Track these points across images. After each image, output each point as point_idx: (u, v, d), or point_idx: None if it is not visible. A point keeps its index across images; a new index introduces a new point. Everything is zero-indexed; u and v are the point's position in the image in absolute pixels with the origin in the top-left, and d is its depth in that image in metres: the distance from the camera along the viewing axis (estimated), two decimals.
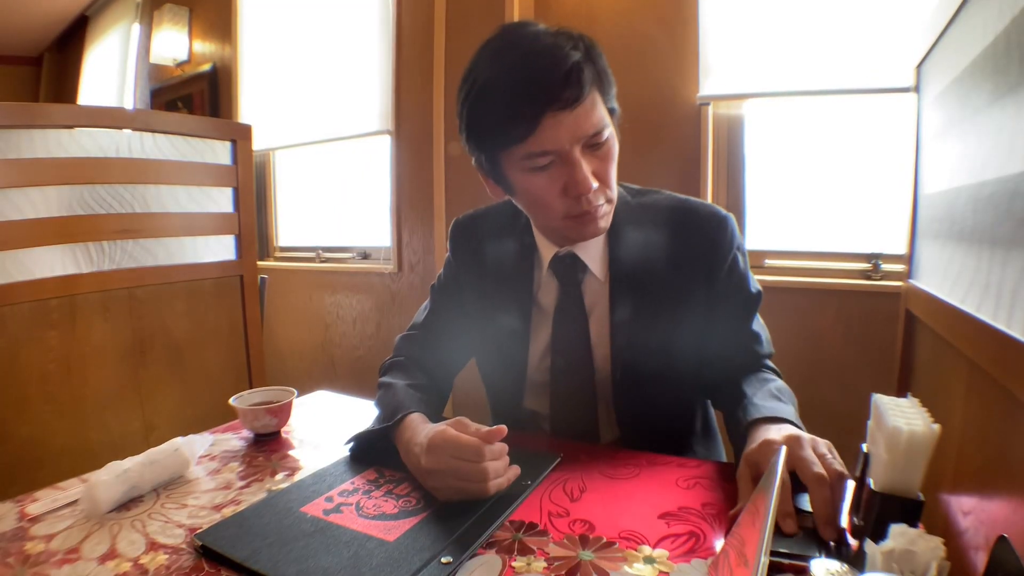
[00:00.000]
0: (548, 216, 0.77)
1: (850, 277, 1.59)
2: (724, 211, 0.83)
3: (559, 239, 0.83)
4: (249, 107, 2.81)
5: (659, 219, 0.83)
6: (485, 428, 0.64)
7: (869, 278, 1.56)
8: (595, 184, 0.71)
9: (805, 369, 1.62)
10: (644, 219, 0.83)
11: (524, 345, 0.87)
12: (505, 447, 0.65)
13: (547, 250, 0.85)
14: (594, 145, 0.71)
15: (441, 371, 0.92)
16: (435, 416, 0.75)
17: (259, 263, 1.90)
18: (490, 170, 0.77)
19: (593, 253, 0.83)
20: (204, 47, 3.04)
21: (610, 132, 0.73)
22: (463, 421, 0.66)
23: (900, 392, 0.95)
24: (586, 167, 0.70)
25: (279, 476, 0.72)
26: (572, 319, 0.84)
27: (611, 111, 0.75)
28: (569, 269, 0.83)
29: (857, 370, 1.57)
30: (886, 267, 1.55)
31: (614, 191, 0.77)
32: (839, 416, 1.57)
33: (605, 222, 0.77)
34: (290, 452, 0.80)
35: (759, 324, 0.86)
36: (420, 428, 0.69)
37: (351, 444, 0.77)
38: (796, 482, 0.55)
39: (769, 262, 1.73)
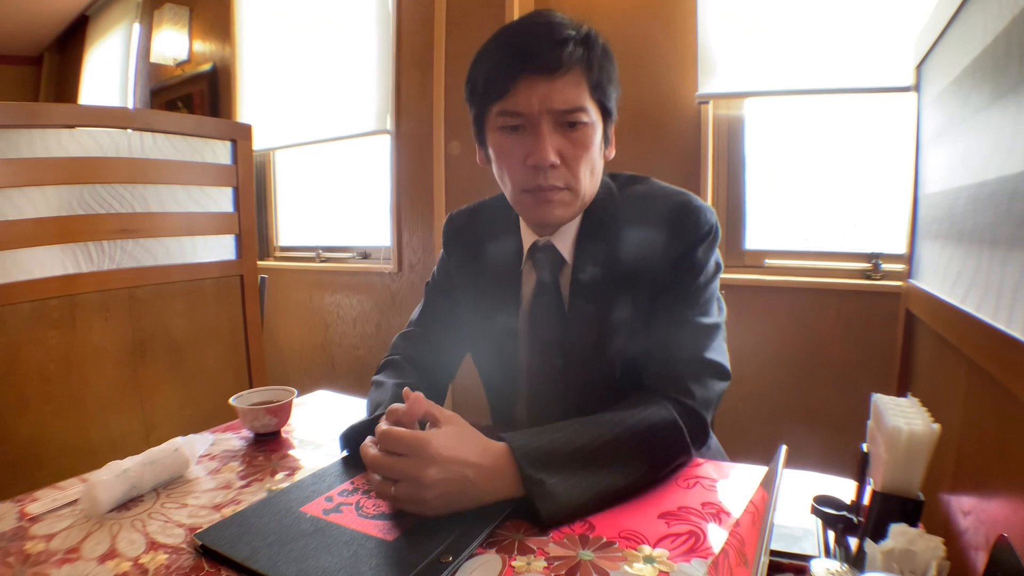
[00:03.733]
0: (511, 187, 0.77)
1: (850, 277, 1.59)
2: (701, 201, 0.79)
3: (534, 227, 0.82)
4: (249, 107, 2.81)
5: (634, 209, 0.80)
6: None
7: (869, 278, 1.56)
8: (555, 160, 0.71)
9: (805, 369, 1.62)
10: (622, 210, 0.81)
11: (514, 342, 0.85)
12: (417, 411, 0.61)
13: (528, 240, 0.83)
14: (568, 125, 0.72)
15: (437, 369, 0.91)
16: None
17: (259, 263, 1.90)
18: (477, 132, 0.80)
19: (570, 244, 0.81)
20: (204, 47, 3.04)
21: (589, 122, 0.73)
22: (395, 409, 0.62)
23: (900, 392, 0.96)
24: (550, 141, 0.71)
25: (279, 476, 0.72)
26: (547, 311, 0.81)
27: (603, 108, 0.75)
28: (545, 259, 0.81)
29: (857, 370, 1.57)
30: (886, 267, 1.55)
31: (580, 182, 0.75)
32: (839, 416, 1.58)
33: (561, 210, 0.76)
34: (290, 452, 0.80)
35: (711, 351, 0.74)
36: None
37: (345, 447, 0.76)
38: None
39: (769, 262, 1.72)
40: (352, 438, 0.74)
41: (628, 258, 0.78)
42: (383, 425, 0.61)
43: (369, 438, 0.65)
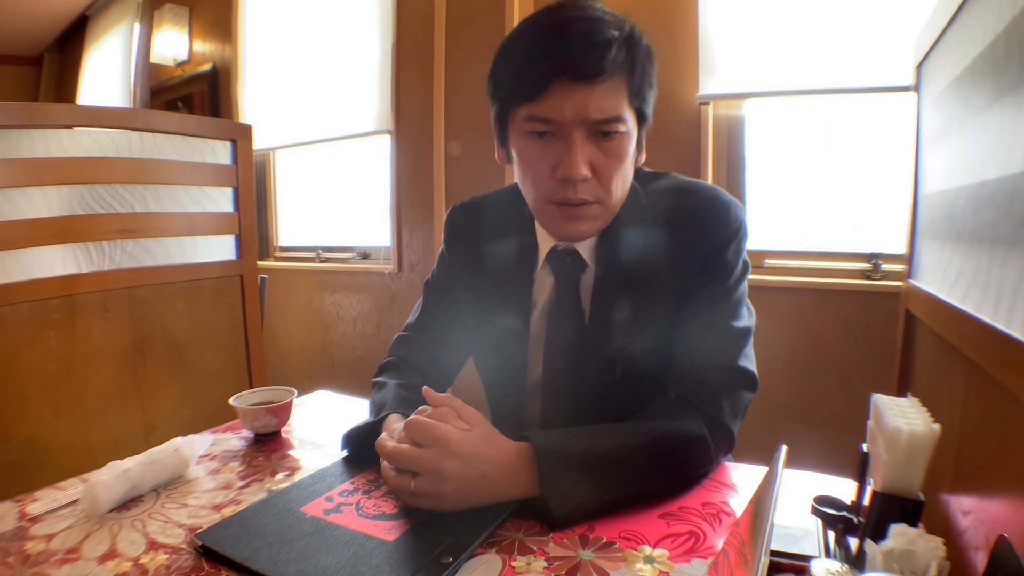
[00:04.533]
0: (534, 195, 0.73)
1: (850, 277, 1.59)
2: (730, 197, 0.75)
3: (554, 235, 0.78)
4: (249, 107, 2.81)
5: (658, 207, 0.76)
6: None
7: (869, 278, 1.56)
8: (587, 173, 0.66)
9: (805, 369, 1.62)
10: (646, 210, 0.77)
11: (523, 347, 0.82)
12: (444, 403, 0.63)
13: (546, 244, 0.80)
14: (602, 134, 0.67)
15: (437, 372, 0.88)
16: None
17: (259, 263, 1.90)
18: (499, 129, 0.75)
19: (592, 247, 0.78)
20: (204, 47, 3.04)
21: (626, 131, 0.68)
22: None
23: (900, 392, 0.95)
24: (582, 152, 0.66)
25: (279, 476, 0.72)
26: (565, 318, 0.79)
27: (640, 114, 0.71)
28: (565, 264, 0.78)
29: (857, 370, 1.57)
30: (886, 267, 1.55)
31: (611, 195, 0.70)
32: (839, 416, 1.58)
33: (590, 225, 0.71)
34: (290, 452, 0.80)
35: (743, 358, 0.73)
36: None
37: (346, 449, 0.76)
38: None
39: (769, 262, 1.73)
40: (356, 440, 0.74)
41: (654, 261, 0.74)
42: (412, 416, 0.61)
43: (385, 433, 0.65)
